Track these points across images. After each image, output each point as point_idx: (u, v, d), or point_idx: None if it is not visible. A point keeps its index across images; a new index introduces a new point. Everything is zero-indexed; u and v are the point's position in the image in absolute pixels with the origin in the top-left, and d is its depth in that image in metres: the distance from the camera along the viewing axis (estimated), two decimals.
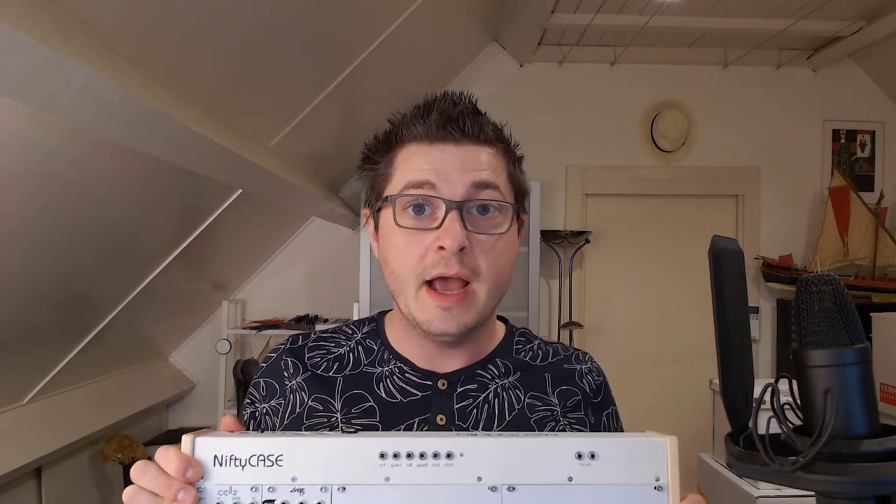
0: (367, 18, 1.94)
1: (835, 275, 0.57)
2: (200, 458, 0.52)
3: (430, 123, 0.72)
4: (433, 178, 0.71)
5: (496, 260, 0.73)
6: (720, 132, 3.35)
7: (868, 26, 2.84)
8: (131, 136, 1.13)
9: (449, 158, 0.72)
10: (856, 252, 3.17)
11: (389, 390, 0.78)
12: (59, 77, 0.82)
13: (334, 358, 0.81)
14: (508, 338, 0.85)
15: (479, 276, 0.72)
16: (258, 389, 0.81)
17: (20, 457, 1.87)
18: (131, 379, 2.66)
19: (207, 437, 0.53)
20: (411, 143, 0.74)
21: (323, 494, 0.52)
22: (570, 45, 3.17)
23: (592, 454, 0.53)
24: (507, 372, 0.81)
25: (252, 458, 0.52)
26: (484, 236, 0.72)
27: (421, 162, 0.72)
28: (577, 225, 3.30)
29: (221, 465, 0.52)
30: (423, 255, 0.71)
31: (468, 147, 0.73)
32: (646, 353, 3.34)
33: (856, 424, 0.53)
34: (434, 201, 0.71)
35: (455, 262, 0.70)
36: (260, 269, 3.25)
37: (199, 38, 1.30)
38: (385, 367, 0.79)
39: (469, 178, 0.71)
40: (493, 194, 0.72)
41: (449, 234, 0.69)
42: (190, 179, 1.74)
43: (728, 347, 0.59)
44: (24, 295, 1.60)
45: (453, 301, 0.71)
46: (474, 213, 0.72)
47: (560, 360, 0.85)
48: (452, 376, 0.78)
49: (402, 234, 0.72)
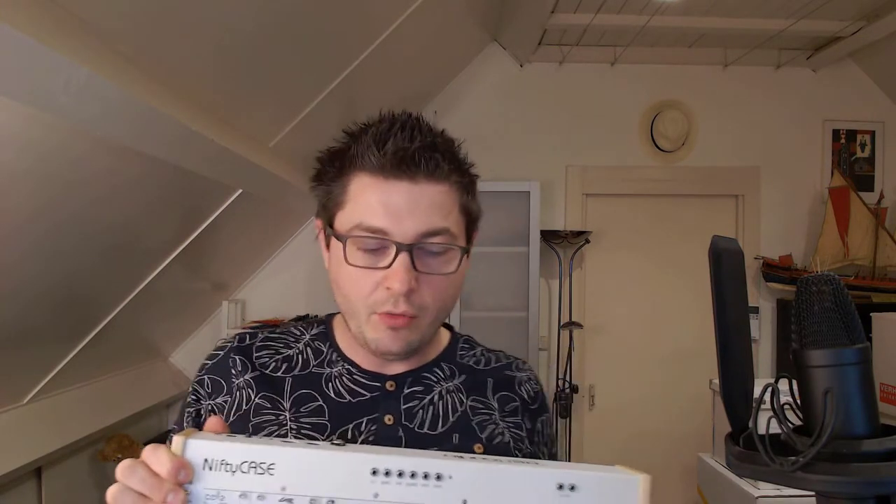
0: (367, 18, 1.94)
1: (835, 275, 0.57)
2: (190, 459, 0.51)
3: (385, 158, 0.72)
4: (384, 224, 0.72)
5: (442, 296, 0.75)
6: (720, 132, 3.35)
7: (868, 26, 2.84)
8: (131, 135, 1.13)
9: (402, 199, 0.72)
10: (856, 252, 3.17)
11: (339, 390, 0.80)
12: (59, 77, 0.82)
13: (283, 358, 0.82)
14: (453, 344, 0.89)
15: (425, 311, 0.75)
16: (203, 386, 0.81)
17: (20, 457, 1.87)
18: (131, 379, 2.66)
19: (199, 440, 0.52)
20: (365, 175, 0.74)
21: None
22: (570, 45, 3.17)
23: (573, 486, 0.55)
24: (451, 375, 0.85)
25: (243, 465, 0.51)
26: (434, 276, 0.74)
27: (374, 201, 0.72)
28: (576, 225, 3.30)
29: (212, 468, 0.51)
30: (373, 290, 0.73)
31: (421, 186, 0.73)
32: (646, 352, 3.34)
33: (856, 424, 0.53)
34: (385, 243, 0.72)
35: (402, 301, 0.72)
36: (260, 269, 3.25)
37: (200, 38, 1.30)
38: (334, 369, 0.81)
39: (420, 223, 0.72)
40: (442, 239, 0.74)
41: (397, 277, 0.71)
42: (190, 179, 1.73)
43: (728, 347, 0.59)
44: (24, 295, 1.60)
45: (401, 323, 0.73)
46: (424, 253, 0.73)
47: (501, 367, 0.89)
48: (399, 378, 0.81)
49: (352, 269, 0.74)
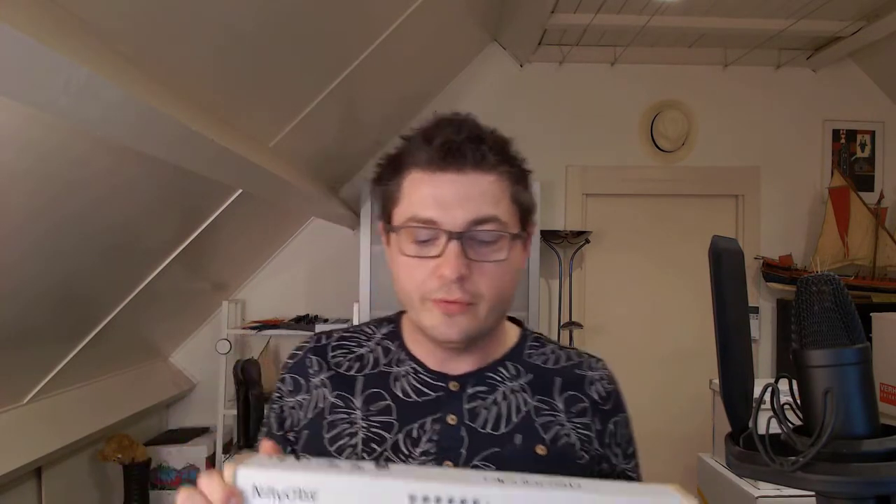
0: (367, 18, 1.94)
1: (835, 275, 0.57)
2: (241, 487, 0.54)
3: (433, 152, 0.75)
4: (435, 213, 0.74)
5: (496, 283, 0.76)
6: (720, 132, 3.35)
7: (868, 26, 2.84)
8: (131, 135, 1.13)
9: (451, 189, 0.75)
10: (856, 252, 3.17)
11: (405, 389, 0.82)
12: (59, 77, 0.82)
13: (355, 357, 0.85)
14: (521, 342, 0.88)
15: (481, 299, 0.76)
16: (284, 384, 0.86)
17: (20, 457, 1.87)
18: (131, 379, 2.66)
19: (249, 469, 0.54)
20: (416, 171, 0.77)
21: None
22: (570, 45, 3.17)
23: None
24: (516, 375, 0.84)
25: (289, 492, 0.53)
26: (486, 263, 0.75)
27: (425, 194, 0.76)
28: (576, 225, 3.30)
29: (260, 495, 0.54)
30: (426, 278, 0.75)
31: (470, 176, 0.75)
32: (646, 352, 3.34)
33: (856, 424, 0.53)
34: (436, 232, 0.75)
35: (455, 288, 0.74)
36: (260, 269, 3.25)
37: (200, 38, 1.30)
38: (401, 367, 0.84)
39: (470, 211, 0.74)
40: (491, 227, 0.76)
41: (448, 264, 0.73)
42: (190, 179, 1.73)
43: (728, 347, 0.59)
44: (24, 295, 1.60)
45: (456, 310, 0.75)
46: (475, 241, 0.75)
47: (571, 366, 0.88)
48: (463, 378, 0.82)
49: (406, 259, 0.77)
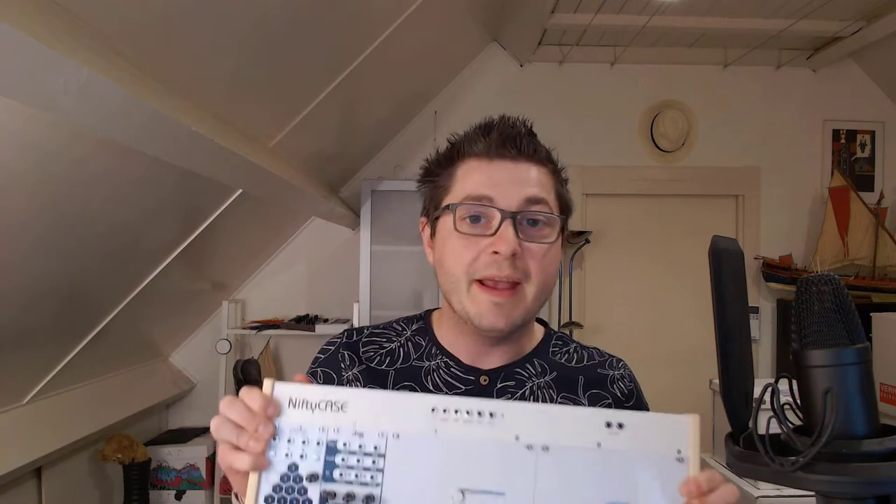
0: (367, 18, 1.94)
1: (835, 275, 0.57)
2: (277, 398, 0.59)
3: (490, 141, 0.80)
4: (490, 192, 0.78)
5: (545, 265, 0.80)
6: (720, 132, 3.35)
7: (868, 26, 2.84)
8: (131, 136, 1.13)
9: (505, 174, 0.79)
10: (856, 252, 3.17)
11: (437, 383, 0.85)
12: (59, 77, 0.82)
13: (386, 353, 0.88)
14: (546, 340, 0.92)
15: (529, 279, 0.79)
16: (315, 378, 0.88)
17: (20, 457, 1.87)
18: (131, 379, 2.66)
19: (285, 384, 0.60)
20: (471, 159, 0.81)
21: (380, 439, 0.58)
22: (570, 45, 3.17)
23: (620, 424, 0.58)
24: (542, 372, 0.87)
25: (321, 403, 0.59)
26: (535, 245, 0.79)
27: (480, 177, 0.80)
28: (577, 225, 3.29)
29: (295, 407, 0.59)
30: (477, 257, 0.78)
31: (522, 165, 0.80)
32: (646, 352, 3.34)
33: (856, 424, 0.53)
34: (490, 211, 0.78)
35: (507, 265, 0.77)
36: (260, 269, 3.25)
37: (200, 39, 1.30)
38: (432, 362, 0.87)
39: (523, 192, 0.79)
40: (543, 208, 0.80)
41: (503, 240, 0.76)
42: (190, 179, 1.73)
43: (728, 347, 0.59)
44: (24, 295, 1.60)
45: (504, 296, 0.78)
46: (526, 224, 0.79)
47: (594, 365, 0.91)
48: (493, 373, 0.85)
49: (459, 238, 0.79)
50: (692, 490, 0.55)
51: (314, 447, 0.58)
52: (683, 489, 0.56)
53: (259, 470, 0.58)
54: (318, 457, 0.58)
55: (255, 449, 0.58)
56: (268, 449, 0.58)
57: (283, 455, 0.59)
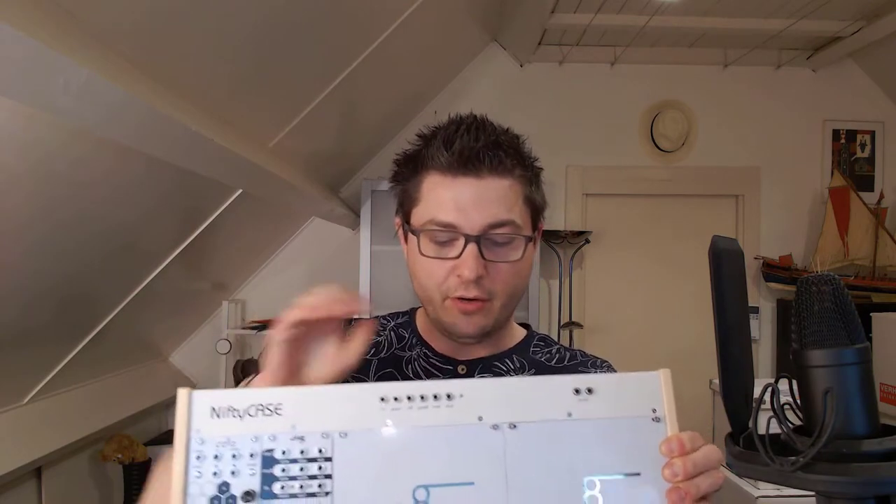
0: (367, 18, 1.94)
1: (835, 275, 0.57)
2: (198, 410, 0.51)
3: (453, 157, 0.79)
4: (454, 217, 0.78)
5: (510, 281, 0.81)
6: (720, 132, 3.35)
7: (868, 26, 2.84)
8: (131, 136, 1.13)
9: (469, 194, 0.79)
10: (856, 252, 3.17)
11: (416, 371, 0.87)
12: (59, 77, 0.82)
13: (372, 344, 0.87)
14: (527, 340, 0.92)
15: (496, 296, 0.80)
16: None
17: (20, 457, 1.87)
18: (131, 379, 2.66)
19: (203, 391, 0.52)
20: (435, 174, 0.81)
21: (324, 441, 0.51)
22: (570, 45, 3.17)
23: (589, 389, 0.55)
24: (521, 368, 0.88)
25: (251, 409, 0.52)
26: (501, 263, 0.80)
27: (444, 198, 0.79)
28: (577, 225, 3.30)
29: (219, 416, 0.51)
30: (446, 277, 0.80)
31: (486, 181, 0.79)
32: (646, 352, 3.34)
33: (856, 424, 0.53)
34: (455, 234, 0.79)
35: (473, 287, 0.78)
36: (260, 269, 3.24)
37: (200, 38, 1.30)
38: (413, 351, 0.89)
39: (486, 216, 0.78)
40: (507, 230, 0.80)
41: (466, 265, 0.77)
42: (190, 179, 1.73)
43: (728, 347, 0.59)
44: (24, 295, 1.60)
45: (474, 307, 0.80)
46: (492, 243, 0.79)
47: (576, 364, 0.90)
48: (471, 364, 0.87)
49: (427, 260, 0.81)
50: (674, 448, 0.54)
51: (247, 460, 0.51)
52: (665, 448, 0.54)
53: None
54: (252, 471, 0.50)
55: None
56: (189, 471, 0.50)
57: (211, 475, 0.50)
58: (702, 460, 0.54)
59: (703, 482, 0.54)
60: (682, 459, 0.53)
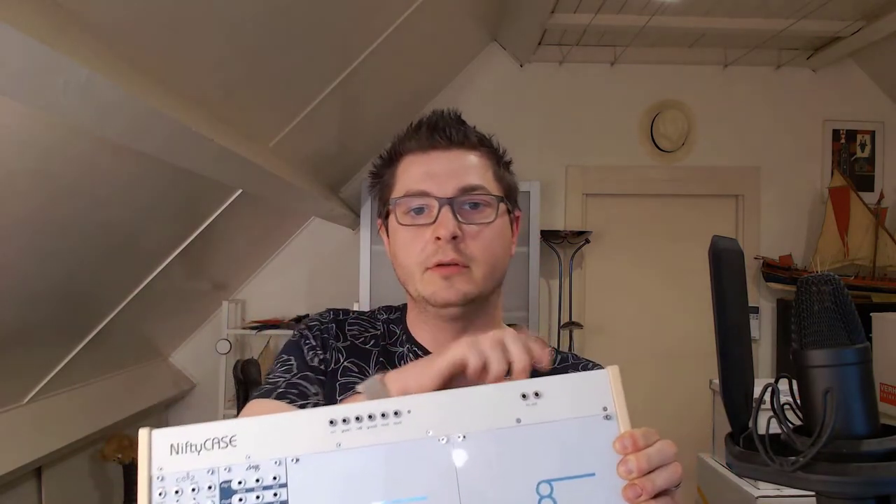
0: (368, 18, 1.94)
1: (835, 275, 0.57)
2: (159, 448, 0.53)
3: (420, 134, 0.86)
4: (427, 185, 0.83)
5: (488, 245, 0.83)
6: (720, 132, 3.35)
7: (868, 26, 2.84)
8: (131, 135, 1.13)
9: (440, 164, 0.84)
10: (856, 252, 3.17)
11: None
12: (59, 77, 0.82)
13: (370, 335, 0.91)
14: None
15: (475, 261, 0.82)
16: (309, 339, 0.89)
17: (20, 457, 1.87)
18: (131, 379, 2.66)
19: (162, 430, 0.54)
20: (409, 155, 0.86)
21: (278, 468, 0.53)
22: (570, 45, 3.17)
23: (536, 393, 0.55)
24: None
25: (207, 443, 0.53)
26: (474, 226, 0.83)
27: (417, 170, 0.84)
28: (577, 225, 3.30)
29: (178, 452, 0.53)
30: (424, 246, 0.82)
31: (455, 152, 0.85)
32: (646, 352, 3.34)
33: (856, 424, 0.53)
34: (429, 201, 0.83)
35: (450, 249, 0.80)
36: (260, 269, 3.25)
37: (200, 39, 1.30)
38: (403, 348, 0.90)
39: (457, 181, 0.83)
40: (479, 194, 0.84)
41: (442, 225, 0.80)
42: (190, 179, 1.73)
43: (728, 347, 0.59)
44: (24, 295, 1.60)
45: (452, 271, 0.81)
46: (465, 208, 0.83)
47: (566, 367, 0.90)
48: None
49: (404, 231, 0.84)
50: (627, 445, 0.54)
51: (206, 493, 0.52)
52: (618, 445, 0.54)
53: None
54: (212, 503, 0.52)
55: None
56: None
57: None
58: (656, 455, 0.54)
59: (659, 477, 0.53)
60: (636, 455, 0.53)
